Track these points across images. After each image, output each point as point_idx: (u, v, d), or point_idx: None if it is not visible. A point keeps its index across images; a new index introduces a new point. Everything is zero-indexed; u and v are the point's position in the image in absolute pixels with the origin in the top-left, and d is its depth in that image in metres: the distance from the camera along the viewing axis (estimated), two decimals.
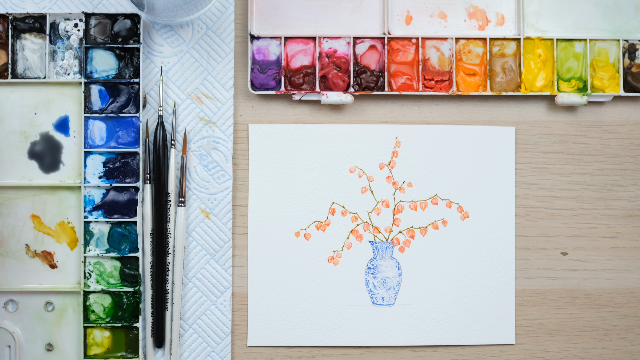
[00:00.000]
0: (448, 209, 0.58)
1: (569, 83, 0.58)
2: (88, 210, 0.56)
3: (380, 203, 0.58)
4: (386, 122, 0.59)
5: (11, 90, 0.56)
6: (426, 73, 0.58)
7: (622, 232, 0.59)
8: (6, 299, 0.56)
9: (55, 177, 0.56)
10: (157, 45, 0.58)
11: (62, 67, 0.56)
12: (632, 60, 0.58)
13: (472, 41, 0.58)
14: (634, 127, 0.59)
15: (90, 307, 0.55)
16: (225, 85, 0.58)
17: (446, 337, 0.58)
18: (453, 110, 0.59)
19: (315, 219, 0.58)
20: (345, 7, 0.58)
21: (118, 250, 0.56)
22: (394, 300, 0.58)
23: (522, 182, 0.59)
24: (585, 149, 0.59)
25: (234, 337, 0.58)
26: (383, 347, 0.58)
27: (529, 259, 0.59)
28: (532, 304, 0.59)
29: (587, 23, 0.59)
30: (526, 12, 0.58)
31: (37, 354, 0.56)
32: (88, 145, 0.56)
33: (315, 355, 0.58)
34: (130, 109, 0.56)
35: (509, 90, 0.58)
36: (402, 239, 0.58)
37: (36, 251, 0.56)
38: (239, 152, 0.58)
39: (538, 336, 0.59)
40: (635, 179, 0.59)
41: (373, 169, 0.58)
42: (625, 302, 0.59)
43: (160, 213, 0.56)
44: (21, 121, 0.56)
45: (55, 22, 0.56)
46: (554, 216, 0.59)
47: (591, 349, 0.59)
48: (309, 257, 0.58)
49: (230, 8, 0.58)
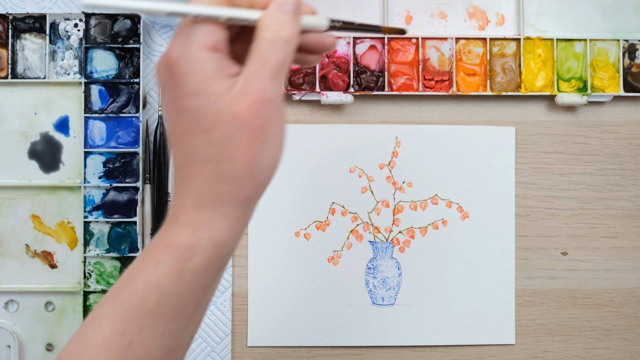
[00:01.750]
0: (448, 209, 0.58)
1: (569, 83, 0.58)
2: (88, 210, 0.56)
3: (380, 203, 0.58)
4: (386, 122, 0.59)
5: (11, 90, 0.56)
6: (426, 73, 0.58)
7: (622, 232, 0.59)
8: (6, 299, 0.56)
9: (55, 177, 0.56)
10: (157, 45, 0.57)
11: (62, 67, 0.56)
12: (632, 60, 0.58)
13: (472, 41, 0.58)
14: (634, 127, 0.59)
15: (91, 307, 0.55)
16: None
17: (446, 337, 0.58)
18: (453, 110, 0.59)
19: (315, 219, 0.58)
20: (345, 7, 0.58)
21: (118, 250, 0.56)
22: (394, 300, 0.58)
23: (522, 182, 0.59)
24: (585, 149, 0.59)
25: (234, 337, 0.58)
26: (383, 347, 0.58)
27: (529, 259, 0.59)
28: (532, 304, 0.59)
29: (587, 23, 0.59)
30: (526, 12, 0.58)
31: (37, 354, 0.56)
32: (88, 145, 0.56)
33: (315, 355, 0.58)
34: (130, 109, 0.56)
35: (509, 90, 0.58)
36: (402, 239, 0.58)
37: (36, 251, 0.56)
38: None
39: (538, 336, 0.59)
40: (635, 179, 0.59)
41: (373, 169, 0.58)
42: (625, 302, 0.59)
43: (160, 213, 0.56)
44: (21, 121, 0.56)
45: (55, 22, 0.56)
46: (554, 216, 0.59)
47: (591, 349, 0.59)
48: (309, 257, 0.58)
49: None
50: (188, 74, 0.34)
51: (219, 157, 0.35)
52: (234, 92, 0.34)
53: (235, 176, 0.35)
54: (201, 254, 0.35)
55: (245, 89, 0.34)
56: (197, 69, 0.34)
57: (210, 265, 0.36)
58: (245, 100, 0.34)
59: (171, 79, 0.34)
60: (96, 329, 0.36)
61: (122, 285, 0.36)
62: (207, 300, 0.37)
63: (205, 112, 0.34)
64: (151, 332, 0.35)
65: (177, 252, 0.35)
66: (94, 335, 0.35)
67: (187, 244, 0.35)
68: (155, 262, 0.35)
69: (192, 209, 0.35)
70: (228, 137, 0.35)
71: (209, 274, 0.36)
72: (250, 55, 0.35)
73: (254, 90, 0.34)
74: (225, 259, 0.37)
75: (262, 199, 0.37)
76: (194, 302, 0.36)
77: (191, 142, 0.35)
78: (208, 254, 0.35)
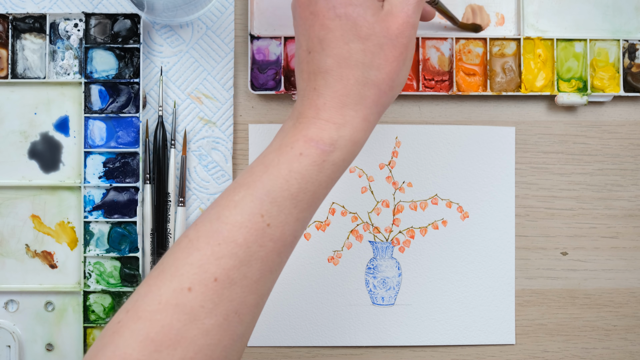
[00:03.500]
0: (448, 209, 0.58)
1: (569, 83, 0.58)
2: (88, 210, 0.56)
3: (380, 203, 0.58)
4: (386, 122, 0.59)
5: (11, 90, 0.56)
6: (426, 73, 0.58)
7: (622, 232, 0.59)
8: (6, 299, 0.56)
9: (55, 177, 0.56)
10: (157, 45, 0.58)
11: (62, 67, 0.56)
12: (632, 60, 0.58)
13: (472, 41, 0.58)
14: (634, 127, 0.59)
15: (90, 307, 0.55)
16: (225, 85, 0.58)
17: (446, 337, 0.58)
18: (453, 110, 0.59)
19: (315, 219, 0.58)
20: None
21: (118, 250, 0.56)
22: (394, 300, 0.58)
23: (522, 182, 0.59)
24: (585, 149, 0.59)
25: None
26: (383, 347, 0.58)
27: (529, 259, 0.59)
28: (532, 304, 0.59)
29: (587, 23, 0.59)
30: (526, 12, 0.58)
31: (37, 354, 0.56)
32: (88, 145, 0.56)
33: (315, 355, 0.58)
34: (130, 109, 0.56)
35: (509, 90, 0.58)
36: (402, 239, 0.58)
37: (36, 251, 0.56)
38: (239, 152, 0.58)
39: (538, 336, 0.59)
40: (635, 179, 0.59)
41: (373, 169, 0.58)
42: (625, 302, 0.59)
43: (160, 213, 0.56)
44: (21, 121, 0.56)
45: (55, 22, 0.56)
46: (554, 216, 0.59)
47: (591, 349, 0.59)
48: (309, 257, 0.58)
49: (230, 8, 0.58)
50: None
51: (369, 63, 0.40)
52: (385, 11, 0.40)
53: (380, 83, 0.40)
54: (341, 150, 0.40)
55: (393, 11, 0.40)
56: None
57: (345, 161, 0.40)
58: (395, 20, 0.40)
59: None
60: (233, 211, 0.39)
61: (259, 173, 0.39)
62: (324, 197, 0.41)
63: (364, 21, 0.40)
64: (289, 216, 0.39)
65: (321, 146, 0.39)
66: (231, 215, 0.38)
67: (330, 138, 0.40)
68: (299, 152, 0.39)
69: (337, 108, 0.40)
70: (380, 47, 0.40)
71: (342, 169, 0.41)
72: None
73: (402, 14, 0.40)
74: (354, 157, 0.41)
75: None
76: (324, 194, 0.41)
77: (346, 46, 0.40)
78: (346, 150, 0.40)
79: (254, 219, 0.38)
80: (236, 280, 0.37)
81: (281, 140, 0.41)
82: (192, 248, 0.38)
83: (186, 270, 0.37)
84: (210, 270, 0.37)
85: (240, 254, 0.38)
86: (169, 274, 0.38)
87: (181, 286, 0.37)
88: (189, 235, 0.39)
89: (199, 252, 0.38)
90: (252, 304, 0.38)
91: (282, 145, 0.40)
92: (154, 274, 0.38)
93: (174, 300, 0.37)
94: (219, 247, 0.37)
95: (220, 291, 0.37)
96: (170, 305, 0.36)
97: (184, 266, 0.38)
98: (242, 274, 0.38)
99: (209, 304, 0.37)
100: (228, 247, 0.37)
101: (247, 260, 0.38)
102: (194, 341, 0.36)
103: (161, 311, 0.36)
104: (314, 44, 0.41)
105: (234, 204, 0.39)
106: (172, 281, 0.37)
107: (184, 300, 0.37)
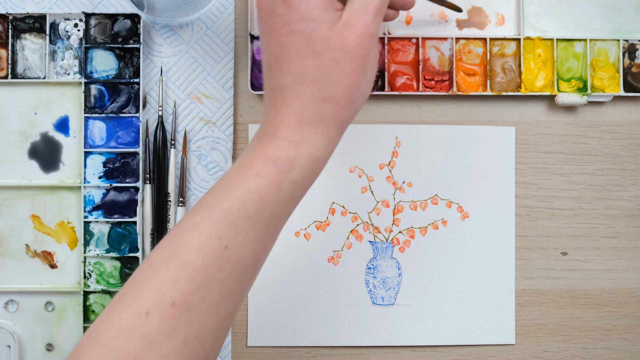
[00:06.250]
0: (448, 209, 0.58)
1: (569, 83, 0.58)
2: (88, 210, 0.56)
3: (380, 203, 0.58)
4: (386, 122, 0.59)
5: (11, 90, 0.56)
6: (426, 73, 0.58)
7: (622, 232, 0.59)
8: (6, 299, 0.56)
9: (55, 177, 0.56)
10: (157, 45, 0.58)
11: (62, 67, 0.56)
12: (632, 60, 0.58)
13: (472, 41, 0.58)
14: (634, 127, 0.59)
15: (90, 307, 0.55)
16: (225, 85, 0.58)
17: (446, 337, 0.58)
18: (453, 110, 0.59)
19: (315, 219, 0.58)
20: None
21: (118, 250, 0.56)
22: (394, 300, 0.58)
23: (522, 182, 0.59)
24: (585, 149, 0.59)
25: (234, 337, 0.58)
26: (383, 347, 0.58)
27: (529, 259, 0.59)
28: (532, 304, 0.59)
29: (587, 23, 0.59)
30: (526, 12, 0.58)
31: (37, 354, 0.56)
32: (88, 145, 0.56)
33: (315, 355, 0.58)
34: (130, 109, 0.56)
35: (509, 90, 0.58)
36: (402, 239, 0.58)
37: (36, 251, 0.56)
38: (239, 152, 0.58)
39: (538, 336, 0.59)
40: (635, 179, 0.59)
41: (373, 169, 0.58)
42: (625, 302, 0.59)
43: (160, 213, 0.56)
44: (21, 121, 0.56)
45: (55, 22, 0.56)
46: (554, 216, 0.59)
47: (591, 349, 0.59)
48: (309, 257, 0.58)
49: (230, 8, 0.58)
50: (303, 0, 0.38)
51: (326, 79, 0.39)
52: (341, 23, 0.39)
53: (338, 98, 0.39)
54: (299, 168, 0.39)
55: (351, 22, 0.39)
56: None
57: (305, 180, 0.39)
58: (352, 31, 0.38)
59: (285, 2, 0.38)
60: (192, 233, 0.38)
61: (218, 194, 0.39)
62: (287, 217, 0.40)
63: (318, 36, 0.38)
64: (247, 238, 0.38)
65: (278, 165, 0.38)
66: (190, 238, 0.38)
67: (287, 157, 0.39)
68: (256, 172, 0.38)
69: (294, 126, 0.39)
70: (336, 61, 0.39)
71: (302, 188, 0.40)
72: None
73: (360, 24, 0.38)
74: (316, 175, 0.40)
75: None
76: (286, 214, 0.39)
77: (301, 63, 0.39)
78: (305, 168, 0.39)
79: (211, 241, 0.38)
80: (194, 304, 0.37)
81: (242, 159, 0.40)
82: (152, 272, 0.38)
83: (144, 295, 0.37)
84: (168, 294, 0.37)
85: (198, 277, 0.37)
86: (128, 298, 0.37)
87: (139, 311, 0.36)
88: (151, 258, 0.39)
89: (157, 276, 0.37)
90: (213, 327, 0.38)
91: (242, 165, 0.39)
92: (116, 298, 0.38)
93: (131, 325, 0.36)
94: (176, 271, 0.37)
95: (178, 315, 0.36)
96: (128, 331, 0.36)
97: (143, 290, 0.37)
98: (200, 298, 0.37)
99: (166, 329, 0.36)
100: (185, 271, 0.37)
101: (205, 284, 0.37)
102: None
103: (119, 336, 0.36)
104: (271, 61, 0.40)
105: (193, 225, 0.38)
106: (131, 306, 0.37)
107: (141, 325, 0.36)
